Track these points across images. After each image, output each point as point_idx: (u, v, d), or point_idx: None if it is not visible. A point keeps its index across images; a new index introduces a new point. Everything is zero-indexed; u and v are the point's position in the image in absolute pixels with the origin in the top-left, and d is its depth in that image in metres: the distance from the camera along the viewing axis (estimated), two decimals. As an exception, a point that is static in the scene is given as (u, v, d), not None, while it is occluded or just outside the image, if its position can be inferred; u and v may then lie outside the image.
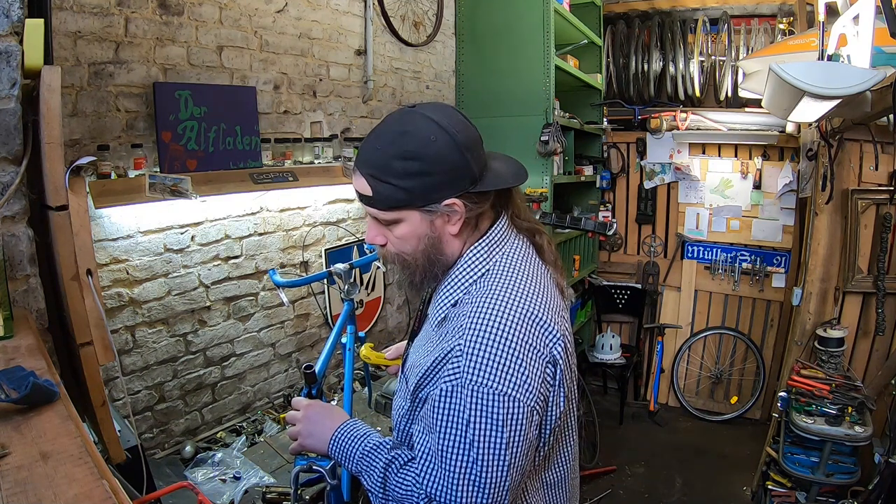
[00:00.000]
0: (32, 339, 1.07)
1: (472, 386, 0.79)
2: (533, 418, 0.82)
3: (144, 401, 1.87)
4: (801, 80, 1.65)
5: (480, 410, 0.78)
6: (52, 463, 0.71)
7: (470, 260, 0.90)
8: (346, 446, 0.94)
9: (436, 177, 0.84)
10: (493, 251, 0.90)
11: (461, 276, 0.90)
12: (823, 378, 2.47)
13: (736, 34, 3.64)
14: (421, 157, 0.83)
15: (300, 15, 2.26)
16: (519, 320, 0.81)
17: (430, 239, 0.89)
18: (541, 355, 0.83)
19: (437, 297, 0.94)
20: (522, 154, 3.07)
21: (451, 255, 0.91)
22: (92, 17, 1.60)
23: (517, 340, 0.80)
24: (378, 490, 0.88)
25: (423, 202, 0.85)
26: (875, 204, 2.67)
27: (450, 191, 0.85)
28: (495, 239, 0.91)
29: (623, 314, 4.15)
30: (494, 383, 0.78)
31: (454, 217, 0.87)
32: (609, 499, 2.98)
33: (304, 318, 2.43)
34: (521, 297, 0.84)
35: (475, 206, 0.88)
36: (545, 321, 0.84)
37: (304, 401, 1.08)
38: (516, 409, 0.79)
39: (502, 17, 3.11)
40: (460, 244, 0.91)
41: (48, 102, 1.10)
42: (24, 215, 1.19)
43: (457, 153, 0.84)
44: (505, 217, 0.94)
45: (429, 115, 0.86)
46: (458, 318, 0.85)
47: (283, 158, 2.15)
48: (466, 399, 0.79)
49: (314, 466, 1.18)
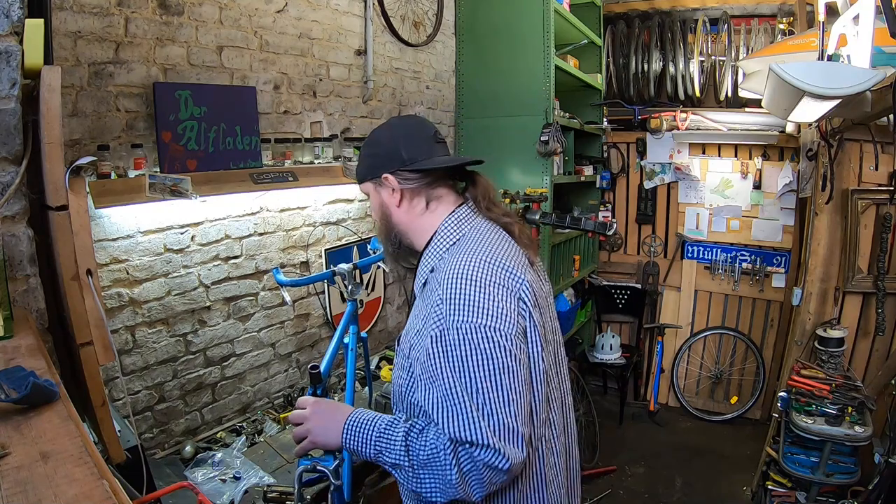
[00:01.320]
0: (32, 339, 1.07)
1: (456, 326, 0.91)
2: (517, 345, 0.94)
3: (144, 401, 1.86)
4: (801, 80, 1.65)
5: (469, 344, 0.90)
6: (52, 463, 0.71)
7: (441, 233, 1.07)
8: (360, 431, 0.98)
9: (376, 158, 1.10)
10: (462, 225, 1.07)
11: (435, 246, 1.07)
12: (823, 378, 2.47)
13: (736, 34, 3.64)
14: (369, 144, 1.14)
15: (300, 15, 2.26)
16: (486, 267, 0.96)
17: (382, 209, 1.12)
18: (510, 291, 0.96)
19: (419, 270, 1.09)
20: (522, 154, 3.09)
21: (401, 226, 1.11)
22: (92, 17, 1.60)
23: (487, 282, 0.94)
24: (403, 459, 0.93)
25: (370, 175, 1.11)
26: (875, 204, 2.67)
27: (384, 168, 1.08)
28: (462, 216, 1.08)
29: (623, 314, 4.15)
30: (475, 319, 0.91)
31: (393, 190, 1.08)
32: (609, 499, 2.98)
33: (304, 318, 2.43)
34: (487, 252, 0.99)
35: (407, 183, 1.08)
36: (509, 267, 0.99)
37: (309, 399, 1.09)
38: (499, 337, 0.91)
39: (502, 17, 3.11)
40: (411, 220, 1.10)
41: (48, 102, 1.10)
42: (24, 215, 1.19)
43: (390, 141, 1.09)
44: (471, 203, 1.11)
45: (390, 119, 1.20)
46: (435, 279, 1.00)
47: (283, 158, 2.15)
48: (455, 338, 0.91)
49: (318, 467, 1.18)
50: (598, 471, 3.17)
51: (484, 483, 0.90)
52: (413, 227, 1.10)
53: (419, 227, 1.10)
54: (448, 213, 1.08)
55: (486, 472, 0.89)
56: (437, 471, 0.91)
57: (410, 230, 1.11)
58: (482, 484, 0.90)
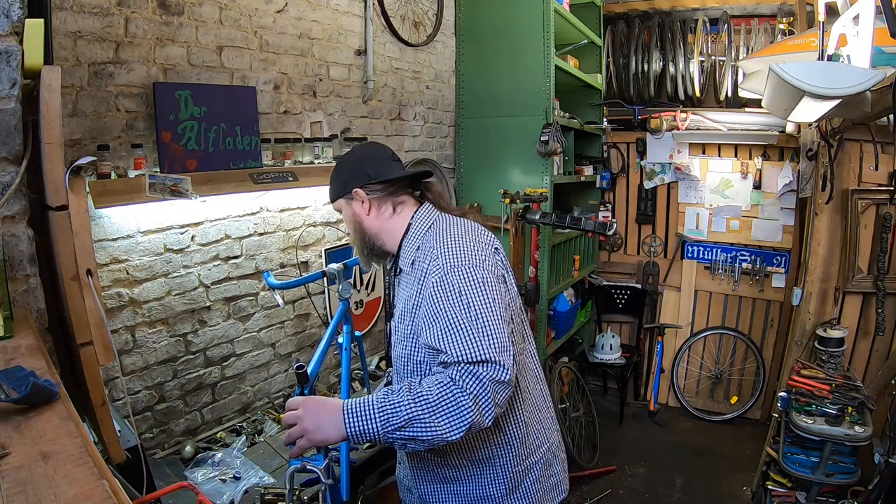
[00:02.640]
0: (32, 339, 1.07)
1: (452, 270, 1.09)
2: (499, 284, 1.14)
3: (144, 401, 1.87)
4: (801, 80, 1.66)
5: (465, 280, 1.08)
6: (52, 463, 0.71)
7: (416, 223, 1.25)
8: (361, 411, 1.02)
9: (345, 177, 1.28)
10: (432, 214, 1.26)
11: (414, 233, 1.24)
12: (823, 378, 2.47)
13: (736, 34, 3.64)
14: (337, 169, 1.33)
15: (300, 15, 2.26)
16: (466, 231, 1.19)
17: (355, 219, 1.29)
18: (488, 245, 1.19)
19: (402, 256, 1.25)
20: (522, 154, 3.09)
21: (373, 230, 1.27)
22: (92, 17, 1.60)
23: (470, 239, 1.16)
24: (414, 410, 0.99)
25: (342, 192, 1.28)
26: (875, 204, 2.67)
27: (353, 185, 1.25)
28: (428, 208, 1.27)
29: (623, 314, 4.15)
30: (467, 262, 1.10)
31: (363, 201, 1.25)
32: (609, 499, 2.98)
33: (304, 318, 2.43)
34: (463, 226, 1.21)
35: (374, 193, 1.25)
36: (483, 232, 1.24)
37: (298, 399, 1.09)
38: (487, 275, 1.10)
39: (502, 17, 3.11)
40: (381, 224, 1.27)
41: (48, 102, 1.10)
42: (24, 215, 1.19)
43: (355, 162, 1.30)
44: (429, 203, 1.30)
45: (354, 147, 1.41)
46: (423, 252, 1.18)
47: (283, 158, 2.15)
48: (453, 278, 1.08)
49: (308, 466, 1.18)
50: (598, 471, 3.17)
51: (491, 401, 1.02)
52: (383, 230, 1.27)
53: (389, 228, 1.27)
54: (413, 212, 1.27)
55: (492, 387, 1.02)
56: (449, 404, 1.00)
57: (381, 232, 1.28)
58: (490, 403, 1.02)
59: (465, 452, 1.21)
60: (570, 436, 3.09)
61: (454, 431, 1.00)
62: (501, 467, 1.21)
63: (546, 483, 1.28)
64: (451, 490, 1.24)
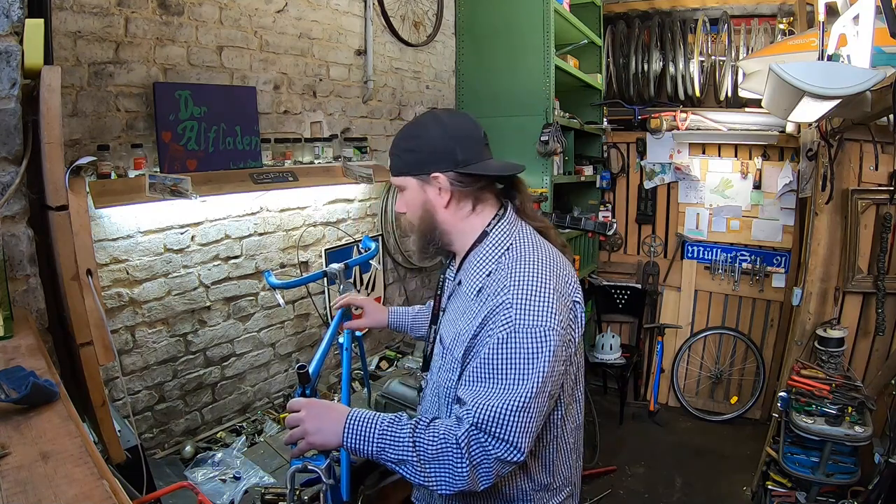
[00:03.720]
0: (32, 339, 1.07)
1: (523, 329, 0.96)
2: (567, 348, 1.02)
3: (144, 401, 1.86)
4: (801, 80, 1.66)
5: (532, 347, 0.95)
6: (52, 463, 0.71)
7: (494, 237, 1.09)
8: (362, 430, 0.99)
9: (424, 154, 1.08)
10: (512, 230, 1.10)
11: (489, 251, 1.08)
12: (823, 378, 2.47)
13: (736, 34, 3.64)
14: (416, 137, 1.10)
15: (300, 15, 2.26)
16: (548, 276, 1.02)
17: (425, 206, 1.11)
18: (565, 298, 1.04)
19: (468, 272, 1.11)
20: (522, 154, 3.09)
21: (445, 226, 1.12)
22: (92, 17, 1.60)
23: (550, 290, 1.00)
24: (409, 455, 0.96)
25: (416, 171, 1.09)
26: (875, 204, 2.67)
27: (435, 166, 1.07)
28: (510, 221, 1.12)
29: (623, 314, 4.15)
30: (542, 323, 0.96)
31: (441, 189, 1.08)
32: (609, 499, 2.98)
33: (304, 318, 2.43)
34: (544, 260, 1.05)
35: (459, 185, 1.08)
36: (564, 275, 1.08)
37: (302, 400, 1.08)
38: (557, 343, 0.97)
39: (502, 16, 3.11)
40: (456, 221, 1.12)
41: (48, 102, 1.10)
42: (24, 215, 1.19)
43: (444, 140, 1.07)
44: (511, 207, 1.14)
45: (437, 113, 1.13)
46: (495, 283, 1.03)
47: (283, 158, 2.15)
48: (521, 340, 0.96)
49: (309, 466, 1.17)
50: (598, 471, 3.17)
51: (492, 474, 0.97)
52: (457, 229, 1.12)
53: (463, 228, 1.12)
54: (492, 216, 1.12)
55: (495, 464, 0.96)
56: (446, 464, 0.95)
57: (454, 231, 1.13)
58: (490, 475, 0.97)
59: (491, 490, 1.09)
60: (570, 436, 3.09)
61: (442, 490, 0.97)
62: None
63: None
64: None
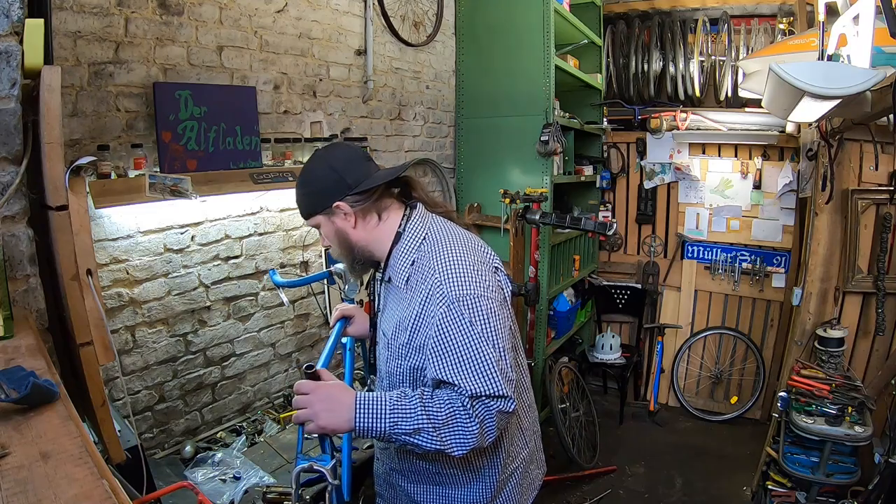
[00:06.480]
0: (32, 339, 1.07)
1: (458, 299, 1.06)
2: (503, 310, 1.13)
3: (144, 401, 1.87)
4: (801, 80, 1.65)
5: (474, 311, 1.06)
6: (52, 463, 0.71)
7: (409, 234, 1.18)
8: (373, 408, 1.03)
9: (319, 191, 1.17)
10: (425, 222, 1.19)
11: (408, 244, 1.17)
12: (823, 378, 2.47)
13: (736, 34, 3.64)
14: (309, 182, 1.19)
15: (300, 15, 2.26)
16: (466, 251, 1.13)
17: (338, 234, 1.20)
18: (488, 265, 1.16)
19: (394, 268, 1.19)
20: (522, 154, 3.09)
21: (362, 243, 1.20)
22: (92, 17, 1.60)
23: (472, 261, 1.11)
24: (423, 423, 1.02)
25: (320, 208, 1.18)
26: (875, 204, 2.67)
27: (332, 198, 1.15)
28: (421, 215, 1.21)
29: (623, 314, 4.15)
30: (473, 290, 1.07)
31: (346, 214, 1.17)
32: (609, 499, 2.98)
33: (304, 318, 2.43)
34: (459, 239, 1.16)
35: (359, 204, 1.16)
36: (478, 248, 1.19)
37: (310, 383, 1.06)
38: (492, 304, 1.09)
39: (502, 17, 3.11)
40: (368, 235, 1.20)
41: (48, 102, 1.10)
42: (24, 215, 1.19)
43: (331, 172, 1.16)
44: (418, 205, 1.23)
45: (318, 153, 1.23)
46: (420, 269, 1.13)
47: (283, 158, 2.15)
48: (462, 309, 1.05)
49: (315, 466, 1.17)
50: (598, 471, 3.17)
51: (497, 427, 1.06)
52: (372, 239, 1.21)
53: (377, 237, 1.21)
54: (400, 216, 1.20)
55: (499, 417, 1.05)
56: (458, 426, 1.03)
57: (371, 242, 1.21)
58: (496, 428, 1.06)
59: (458, 461, 1.20)
60: (570, 436, 3.09)
61: (457, 449, 1.04)
62: (489, 476, 1.24)
63: (524, 484, 1.32)
64: (439, 493, 1.25)
